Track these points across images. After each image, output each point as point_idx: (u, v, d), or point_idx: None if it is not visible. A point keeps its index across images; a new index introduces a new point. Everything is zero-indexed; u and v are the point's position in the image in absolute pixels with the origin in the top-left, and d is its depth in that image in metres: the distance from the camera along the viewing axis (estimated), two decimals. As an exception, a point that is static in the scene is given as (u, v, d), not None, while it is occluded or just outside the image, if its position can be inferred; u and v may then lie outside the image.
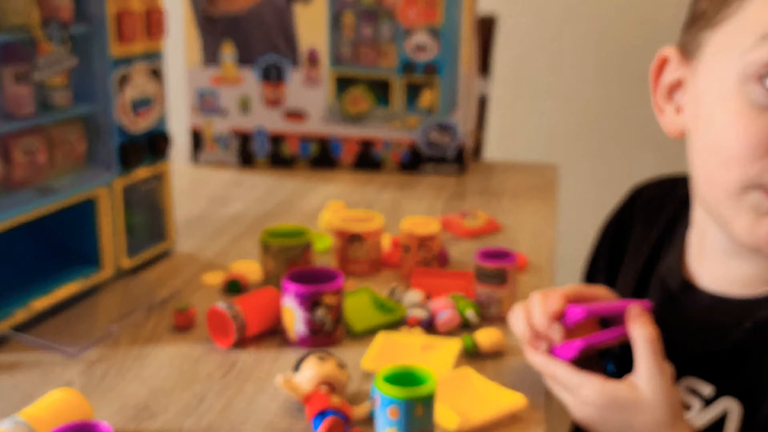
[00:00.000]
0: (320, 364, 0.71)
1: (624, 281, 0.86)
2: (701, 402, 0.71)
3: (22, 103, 0.86)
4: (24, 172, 0.87)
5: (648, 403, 0.66)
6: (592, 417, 0.69)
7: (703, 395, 0.72)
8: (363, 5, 1.40)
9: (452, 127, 1.44)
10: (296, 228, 0.98)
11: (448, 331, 0.85)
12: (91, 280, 0.93)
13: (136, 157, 0.97)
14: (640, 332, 0.68)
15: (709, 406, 0.71)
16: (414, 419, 0.62)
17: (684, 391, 0.73)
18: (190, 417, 0.71)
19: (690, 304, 0.76)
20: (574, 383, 0.69)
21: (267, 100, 1.46)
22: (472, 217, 1.19)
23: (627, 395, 0.67)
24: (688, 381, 0.73)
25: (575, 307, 0.71)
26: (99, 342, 0.83)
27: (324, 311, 0.81)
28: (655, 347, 0.67)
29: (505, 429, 0.70)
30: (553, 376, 0.71)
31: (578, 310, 0.71)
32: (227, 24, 1.44)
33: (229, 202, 1.31)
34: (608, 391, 0.68)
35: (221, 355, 0.81)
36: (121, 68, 0.94)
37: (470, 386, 0.74)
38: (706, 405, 0.71)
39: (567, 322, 0.72)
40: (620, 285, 0.86)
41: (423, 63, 1.41)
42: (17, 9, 0.83)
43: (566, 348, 0.71)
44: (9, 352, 0.81)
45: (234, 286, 0.95)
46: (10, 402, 0.73)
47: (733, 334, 0.70)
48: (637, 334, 0.68)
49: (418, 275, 0.97)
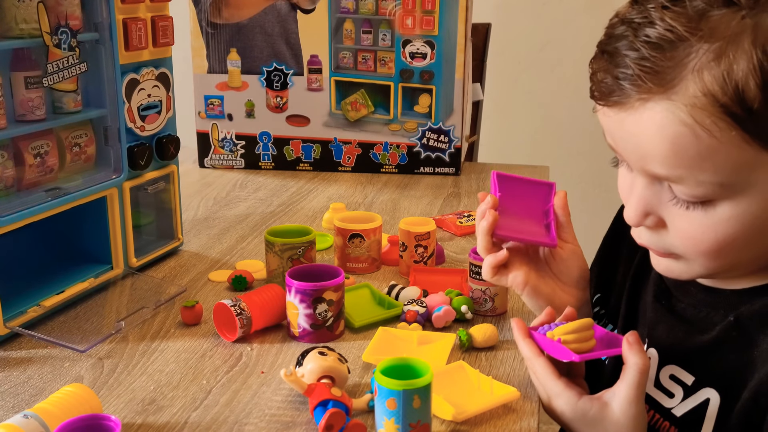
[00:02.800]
0: (322, 357, 0.73)
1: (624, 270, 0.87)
2: (683, 390, 0.73)
3: (33, 107, 0.88)
4: (35, 174, 0.89)
5: (616, 425, 0.69)
6: (561, 421, 0.73)
7: (686, 384, 0.73)
8: (362, 14, 1.42)
9: (448, 130, 1.46)
10: (299, 227, 1.00)
11: (443, 326, 0.88)
12: (100, 278, 0.95)
13: (145, 159, 0.99)
14: (635, 360, 0.69)
15: (691, 396, 0.72)
16: (411, 410, 0.64)
17: (667, 379, 0.75)
18: (196, 410, 0.72)
19: (684, 296, 0.77)
20: (552, 390, 0.72)
21: (271, 106, 1.49)
22: (466, 217, 1.21)
23: (596, 414, 0.70)
24: (672, 369, 0.75)
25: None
26: (108, 338, 0.85)
27: (325, 307, 0.83)
28: (643, 378, 0.69)
29: (499, 420, 0.71)
30: (534, 372, 0.74)
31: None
32: (232, 32, 1.46)
33: (235, 203, 1.33)
34: (580, 407, 0.70)
35: (227, 350, 0.83)
36: (130, 74, 0.96)
37: (465, 379, 0.76)
38: (688, 394, 0.73)
39: None
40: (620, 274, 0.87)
41: (420, 70, 1.43)
42: (28, 16, 0.85)
43: (561, 350, 0.72)
44: (21, 349, 0.83)
45: (240, 282, 0.97)
46: (22, 396, 0.75)
47: (717, 326, 0.72)
48: (632, 361, 0.69)
49: (415, 272, 0.99)
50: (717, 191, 0.64)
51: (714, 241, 0.66)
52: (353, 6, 1.42)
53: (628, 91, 0.63)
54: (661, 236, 0.70)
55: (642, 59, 0.62)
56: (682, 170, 0.64)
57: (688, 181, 0.64)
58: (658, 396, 0.75)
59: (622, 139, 0.67)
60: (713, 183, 0.63)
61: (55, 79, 0.88)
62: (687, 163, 0.63)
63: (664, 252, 0.71)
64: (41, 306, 0.87)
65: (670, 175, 0.65)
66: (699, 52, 0.60)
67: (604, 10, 0.70)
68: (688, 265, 0.71)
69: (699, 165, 0.63)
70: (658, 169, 0.65)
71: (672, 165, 0.64)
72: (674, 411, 0.73)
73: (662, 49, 0.61)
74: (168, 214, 1.07)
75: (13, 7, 0.84)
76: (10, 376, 0.78)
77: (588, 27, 2.02)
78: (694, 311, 0.75)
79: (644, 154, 0.65)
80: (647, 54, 0.62)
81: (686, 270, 0.71)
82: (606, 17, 0.71)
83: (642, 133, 0.64)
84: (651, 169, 0.66)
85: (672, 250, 0.70)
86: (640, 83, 0.62)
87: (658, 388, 0.75)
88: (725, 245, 0.66)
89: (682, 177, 0.64)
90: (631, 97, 0.64)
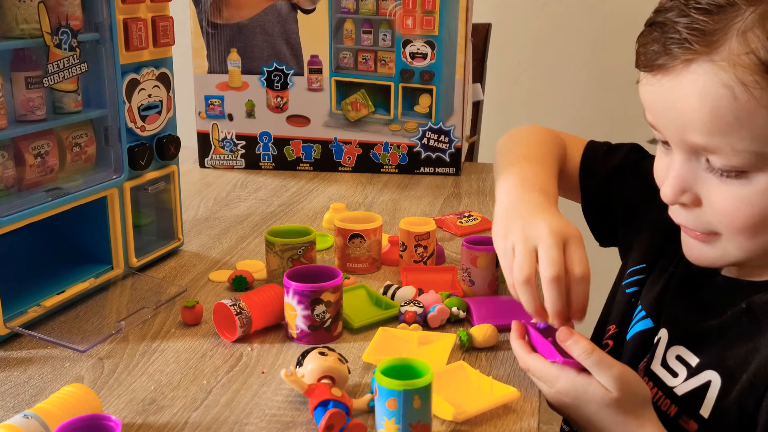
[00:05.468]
0: (322, 358, 0.73)
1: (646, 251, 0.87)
2: (687, 371, 0.74)
3: (34, 108, 0.88)
4: (35, 174, 0.89)
5: (616, 399, 0.70)
6: (566, 405, 0.73)
7: (690, 365, 0.74)
8: (363, 15, 1.43)
9: (448, 131, 1.46)
10: (299, 228, 1.00)
11: (439, 324, 0.88)
12: (100, 278, 0.95)
13: (145, 159, 0.99)
14: (577, 351, 0.71)
15: (694, 376, 0.73)
16: (411, 410, 0.64)
17: (674, 359, 0.76)
18: (196, 410, 0.73)
19: (705, 285, 0.78)
20: (551, 376, 0.73)
21: (271, 106, 1.49)
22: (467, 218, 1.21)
23: (596, 389, 0.70)
24: (679, 350, 0.76)
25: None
26: (108, 338, 0.85)
27: (323, 308, 0.83)
28: (597, 356, 0.70)
29: (499, 420, 0.71)
30: (527, 369, 0.75)
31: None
32: (233, 32, 1.46)
33: (235, 203, 1.33)
34: (580, 382, 0.71)
35: (227, 350, 0.83)
36: (130, 74, 0.96)
37: (465, 379, 0.76)
38: (691, 375, 0.74)
39: None
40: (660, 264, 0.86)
41: (420, 70, 1.43)
42: (29, 17, 0.85)
43: (549, 351, 0.74)
44: (21, 349, 0.83)
45: (240, 282, 0.97)
46: (23, 396, 0.75)
47: (727, 312, 0.73)
48: (576, 354, 0.71)
49: (406, 271, 0.99)
50: (753, 161, 0.65)
51: (750, 215, 0.68)
52: (353, 6, 1.42)
53: (674, 53, 0.66)
54: (698, 214, 0.71)
55: (691, 22, 0.65)
56: (720, 138, 0.65)
57: (725, 149, 0.66)
58: (663, 375, 0.76)
59: (663, 110, 0.69)
60: (750, 152, 0.65)
61: (56, 80, 0.88)
62: (725, 129, 0.65)
63: (703, 231, 0.72)
64: (41, 306, 0.87)
65: (708, 144, 0.66)
66: (745, 14, 0.63)
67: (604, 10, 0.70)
68: (723, 247, 0.71)
69: (737, 131, 0.64)
70: (697, 137, 0.66)
71: (710, 131, 0.65)
72: (676, 390, 0.74)
73: (711, 13, 0.64)
74: (168, 214, 1.07)
75: (13, 8, 0.84)
76: (11, 376, 0.78)
77: (588, 27, 2.03)
78: (711, 297, 0.77)
79: (684, 122, 0.67)
80: (696, 18, 0.64)
81: (720, 255, 0.72)
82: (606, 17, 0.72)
83: (683, 98, 0.66)
84: (690, 139, 0.67)
85: (709, 228, 0.71)
86: (687, 45, 0.65)
87: (664, 367, 0.76)
88: (762, 220, 0.67)
89: (720, 146, 0.66)
90: (676, 59, 0.66)
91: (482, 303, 0.91)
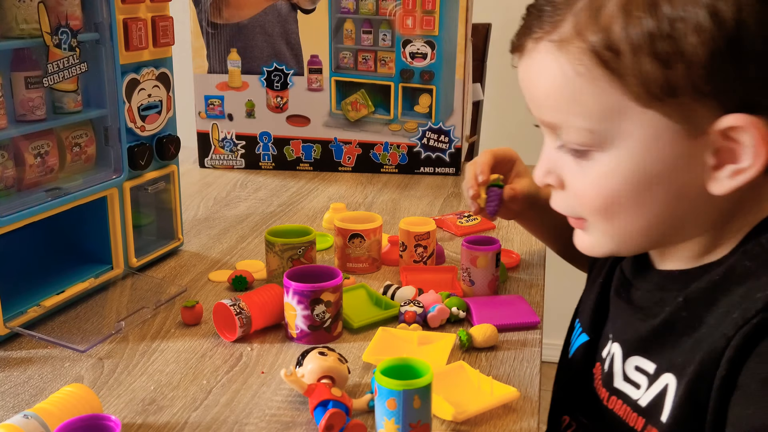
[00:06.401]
0: (322, 358, 0.73)
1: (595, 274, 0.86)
2: (647, 380, 0.71)
3: (34, 107, 0.88)
4: (35, 174, 0.89)
5: None
6: None
7: (649, 373, 0.71)
8: (363, 15, 1.43)
9: (448, 130, 1.46)
10: (299, 228, 1.00)
11: (439, 324, 0.88)
12: (100, 278, 0.95)
13: (145, 159, 0.99)
14: None
15: (653, 384, 0.70)
16: (411, 410, 0.64)
17: (633, 371, 0.72)
18: (196, 410, 0.73)
19: (641, 283, 0.75)
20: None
21: (271, 106, 1.49)
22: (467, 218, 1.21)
23: None
24: (636, 360, 0.72)
25: None
26: (108, 338, 0.85)
27: (323, 308, 0.83)
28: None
29: (499, 420, 0.71)
30: None
31: None
32: (233, 32, 1.46)
33: (235, 203, 1.33)
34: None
35: (227, 350, 0.83)
36: (130, 74, 0.96)
37: (465, 379, 0.76)
38: (651, 382, 0.70)
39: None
40: (591, 278, 0.86)
41: (420, 70, 1.43)
42: (29, 16, 0.85)
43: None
44: (21, 349, 0.83)
45: (240, 282, 0.97)
46: (22, 396, 0.75)
47: (666, 309, 0.70)
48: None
49: (406, 271, 0.99)
50: (591, 139, 0.67)
51: (597, 196, 0.68)
52: (353, 6, 1.42)
53: (527, 33, 0.70)
54: (563, 198, 0.73)
55: (543, 4, 0.68)
56: (560, 115, 0.68)
57: (566, 127, 0.68)
58: (627, 389, 0.73)
59: (524, 90, 0.72)
60: (585, 129, 0.66)
61: (56, 79, 0.88)
62: (563, 106, 0.67)
63: (570, 214, 0.74)
64: (41, 306, 0.87)
65: (553, 121, 0.69)
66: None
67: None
68: (593, 233, 0.72)
69: (572, 108, 0.66)
70: (546, 114, 0.70)
71: (552, 108, 0.68)
72: (640, 402, 0.71)
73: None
74: (168, 214, 1.07)
75: (13, 7, 0.84)
76: (11, 376, 0.78)
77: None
78: (648, 296, 0.74)
79: (536, 100, 0.70)
80: (545, 2, 0.68)
81: (595, 241, 0.73)
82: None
83: (532, 78, 0.70)
84: (542, 117, 0.70)
85: (575, 212, 0.72)
86: (537, 27, 0.68)
87: (627, 381, 0.73)
88: (611, 203, 0.68)
89: (561, 123, 0.68)
90: (528, 38, 0.69)
91: (482, 303, 0.91)
